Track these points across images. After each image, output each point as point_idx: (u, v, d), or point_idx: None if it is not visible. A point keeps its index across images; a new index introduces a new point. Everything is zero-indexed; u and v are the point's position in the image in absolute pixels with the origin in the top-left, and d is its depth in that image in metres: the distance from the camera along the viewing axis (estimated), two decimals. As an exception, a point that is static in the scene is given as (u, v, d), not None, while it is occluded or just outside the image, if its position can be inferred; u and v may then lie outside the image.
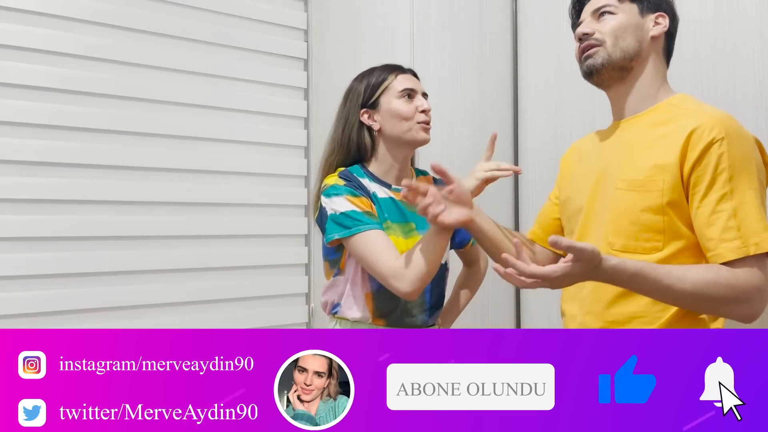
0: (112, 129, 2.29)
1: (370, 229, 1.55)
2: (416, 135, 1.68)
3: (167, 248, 2.40)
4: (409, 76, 1.74)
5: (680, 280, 1.21)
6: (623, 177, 1.34)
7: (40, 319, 2.15)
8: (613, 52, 1.38)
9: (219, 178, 2.52)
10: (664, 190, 1.28)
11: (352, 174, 1.67)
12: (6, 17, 2.12)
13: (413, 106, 1.68)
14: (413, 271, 1.50)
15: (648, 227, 1.30)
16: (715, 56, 1.85)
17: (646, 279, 1.21)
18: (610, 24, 1.39)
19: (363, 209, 1.58)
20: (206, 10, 2.51)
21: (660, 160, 1.29)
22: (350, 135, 1.71)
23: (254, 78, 2.61)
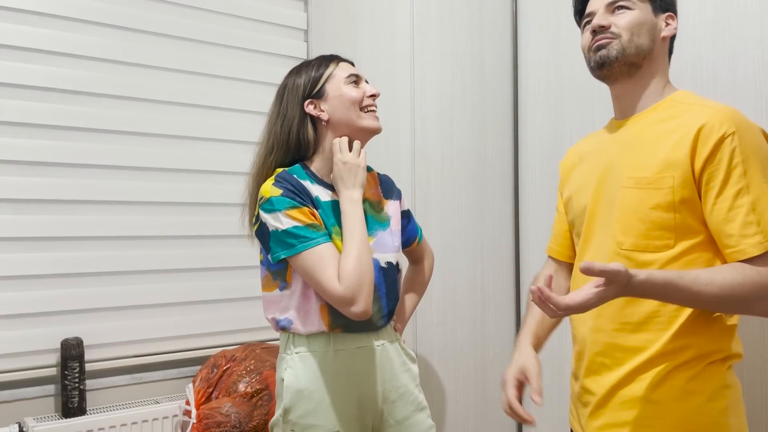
0: (112, 129, 2.29)
1: (314, 246, 1.46)
2: (368, 123, 1.60)
3: (167, 248, 2.40)
4: (348, 64, 1.67)
5: (708, 286, 1.18)
6: (630, 175, 1.31)
7: (39, 319, 2.15)
8: (628, 47, 1.35)
9: (219, 178, 2.52)
10: (675, 187, 1.25)
11: (292, 176, 1.55)
12: (6, 17, 2.12)
13: (361, 91, 1.61)
14: (363, 291, 1.44)
15: (658, 225, 1.27)
16: (715, 56, 1.85)
17: (675, 288, 1.18)
18: (627, 18, 1.36)
19: (305, 222, 1.48)
20: (206, 10, 2.51)
21: (669, 157, 1.27)
22: (290, 130, 1.60)
23: (254, 78, 2.61)
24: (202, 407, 2.19)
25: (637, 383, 1.28)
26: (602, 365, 1.33)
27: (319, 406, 1.53)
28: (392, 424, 1.61)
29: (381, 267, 1.60)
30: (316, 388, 1.53)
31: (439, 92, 2.29)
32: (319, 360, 1.55)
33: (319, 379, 1.54)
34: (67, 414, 2.12)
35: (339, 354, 1.56)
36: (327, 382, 1.54)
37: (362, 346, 1.58)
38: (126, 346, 2.31)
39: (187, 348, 2.43)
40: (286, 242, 1.48)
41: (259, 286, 2.60)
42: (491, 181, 2.42)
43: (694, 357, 1.26)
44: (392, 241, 1.65)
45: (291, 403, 1.53)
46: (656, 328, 1.27)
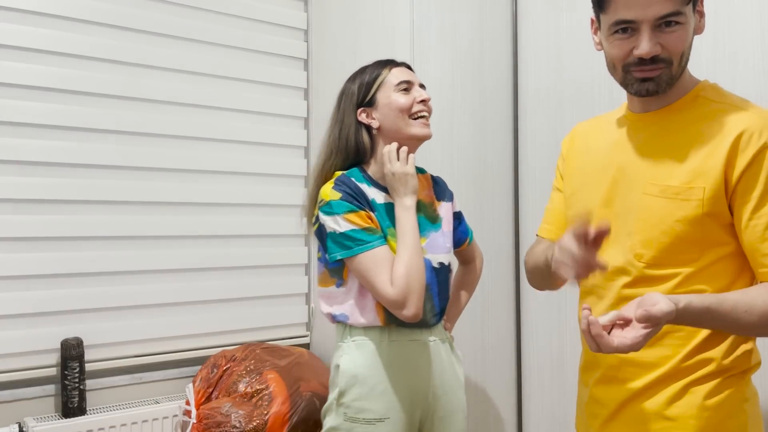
0: (112, 129, 2.29)
1: (370, 249, 1.54)
2: (416, 130, 1.65)
3: (167, 248, 2.40)
4: (403, 68, 1.70)
5: (747, 312, 1.11)
6: (654, 181, 1.20)
7: (39, 319, 2.15)
8: (677, 72, 1.19)
9: (219, 178, 2.52)
10: (705, 199, 1.14)
11: (350, 180, 1.63)
12: (6, 17, 2.12)
13: (411, 98, 1.65)
14: (414, 295, 1.52)
15: (683, 238, 1.17)
16: (715, 56, 1.85)
17: (715, 316, 1.10)
18: (680, 39, 1.16)
19: (362, 226, 1.56)
20: (206, 10, 2.51)
21: (701, 166, 1.15)
22: (347, 136, 1.67)
23: (254, 78, 2.61)
24: (202, 407, 2.19)
25: (652, 398, 1.21)
26: (615, 378, 1.27)
27: (372, 392, 1.60)
28: (436, 418, 1.68)
29: (433, 267, 1.66)
30: (370, 374, 1.60)
31: (439, 92, 2.29)
32: (374, 348, 1.62)
33: (373, 366, 1.61)
34: (67, 414, 2.12)
35: (393, 344, 1.63)
36: (381, 370, 1.61)
37: (415, 340, 1.65)
38: (126, 346, 2.31)
39: (187, 348, 2.43)
40: (343, 244, 1.56)
41: (259, 286, 2.60)
42: (491, 181, 2.42)
43: (711, 372, 1.19)
44: (444, 242, 1.71)
45: (346, 386, 1.61)
46: (674, 343, 1.21)
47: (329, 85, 2.63)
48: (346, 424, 1.60)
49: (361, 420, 1.59)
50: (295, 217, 2.73)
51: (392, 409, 1.60)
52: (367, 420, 1.59)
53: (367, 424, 1.58)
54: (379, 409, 1.59)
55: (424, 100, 1.65)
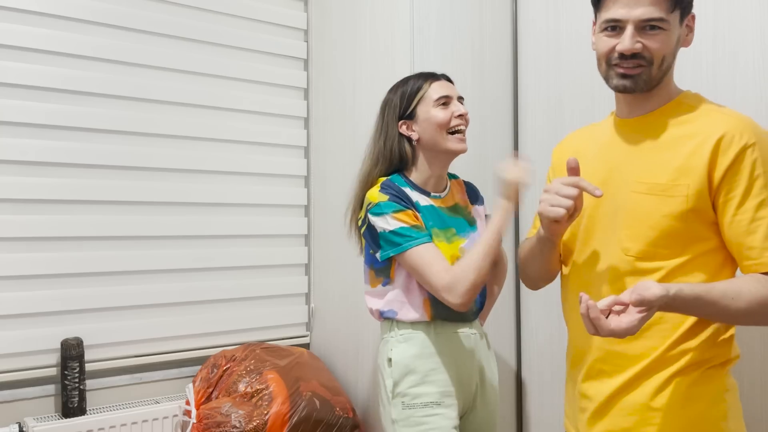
0: (112, 129, 2.29)
1: (420, 244, 1.63)
2: (453, 146, 1.73)
3: (167, 248, 2.40)
4: (443, 82, 1.77)
5: (735, 300, 1.17)
6: (641, 180, 1.27)
7: (39, 319, 2.15)
8: (657, 74, 1.29)
9: (219, 178, 2.52)
10: (689, 196, 1.22)
11: (394, 183, 1.72)
12: (6, 17, 2.12)
13: (449, 113, 1.72)
14: (463, 285, 1.59)
15: (669, 233, 1.24)
16: (715, 57, 1.85)
17: (704, 303, 1.17)
18: (661, 42, 1.26)
19: (410, 224, 1.65)
20: (206, 10, 2.51)
21: (685, 164, 1.23)
22: (392, 146, 1.76)
23: (254, 78, 2.61)
24: (202, 407, 2.19)
25: (638, 390, 1.27)
26: (602, 371, 1.32)
27: (425, 379, 1.68)
28: (474, 409, 1.77)
29: None
30: (421, 363, 1.69)
31: (439, 92, 2.29)
32: (421, 339, 1.71)
33: (422, 356, 1.69)
34: (67, 414, 2.12)
35: (440, 336, 1.72)
36: (430, 359, 1.69)
37: (459, 331, 1.74)
38: (126, 346, 2.31)
39: (187, 348, 2.43)
40: (394, 241, 1.65)
41: (259, 286, 2.60)
42: (491, 181, 2.42)
43: (693, 362, 1.25)
44: None
45: (399, 377, 1.69)
46: (658, 335, 1.26)
47: (329, 85, 2.63)
48: (406, 411, 1.67)
49: (419, 405, 1.67)
50: (296, 217, 2.73)
51: (445, 395, 1.68)
52: (425, 404, 1.66)
53: (426, 407, 1.66)
54: (435, 394, 1.67)
55: (461, 115, 1.73)
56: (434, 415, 1.66)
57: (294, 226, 2.71)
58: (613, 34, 1.28)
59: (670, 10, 1.25)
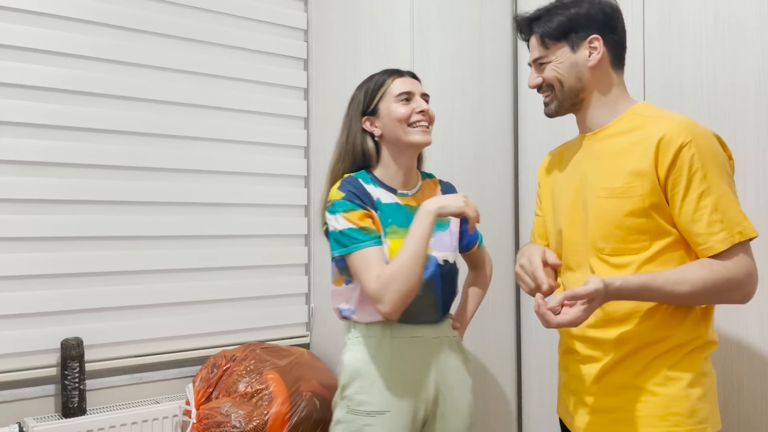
0: (112, 129, 2.29)
1: (363, 247, 1.60)
2: (415, 138, 1.71)
3: (167, 248, 2.40)
4: (406, 78, 1.76)
5: (679, 285, 1.31)
6: (602, 186, 1.42)
7: (39, 319, 2.15)
8: (561, 97, 1.50)
9: (219, 178, 2.52)
10: (644, 194, 1.37)
11: (356, 180, 1.70)
12: (6, 17, 2.12)
13: (410, 108, 1.71)
14: (390, 294, 1.56)
15: (633, 229, 1.39)
16: (715, 58, 1.85)
17: (650, 290, 1.32)
18: (548, 73, 1.50)
19: (358, 225, 1.63)
20: (206, 10, 2.51)
21: (636, 167, 1.38)
22: (354, 142, 1.75)
23: (254, 78, 2.61)
24: (202, 407, 2.19)
25: (621, 371, 1.40)
26: (590, 357, 1.45)
27: (374, 386, 1.65)
28: (438, 415, 1.72)
29: (438, 264, 1.73)
30: (371, 369, 1.66)
31: (439, 92, 2.29)
32: (375, 344, 1.68)
33: (374, 361, 1.67)
34: (67, 414, 2.12)
35: (395, 341, 1.68)
36: (382, 365, 1.66)
37: (417, 336, 1.70)
38: (126, 346, 2.31)
39: (187, 348, 2.43)
40: (341, 242, 1.64)
41: (259, 286, 2.61)
42: (491, 181, 2.42)
43: (674, 346, 1.38)
44: (450, 241, 1.78)
45: (348, 380, 1.69)
46: (638, 321, 1.39)
47: (329, 85, 2.63)
48: (348, 416, 1.66)
49: (361, 412, 1.64)
50: (296, 217, 2.73)
51: (392, 403, 1.64)
52: (367, 412, 1.64)
53: (367, 416, 1.64)
54: (379, 402, 1.64)
55: (422, 111, 1.72)
56: (373, 425, 1.63)
57: (294, 226, 2.71)
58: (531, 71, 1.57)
59: (549, 46, 1.49)
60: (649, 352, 1.38)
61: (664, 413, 1.35)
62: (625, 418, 1.39)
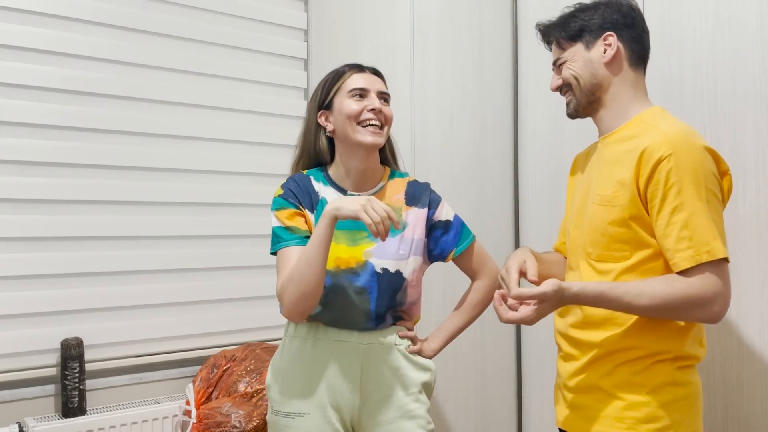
0: (112, 129, 2.29)
1: (283, 247, 1.58)
2: (361, 137, 1.60)
3: (167, 248, 2.40)
4: (366, 74, 1.67)
5: (638, 297, 1.33)
6: (597, 192, 1.45)
7: (39, 319, 2.15)
8: (580, 97, 1.51)
9: (219, 177, 2.52)
10: (625, 205, 1.39)
11: (305, 178, 1.66)
12: (6, 17, 2.12)
13: (361, 105, 1.61)
14: (287, 296, 1.52)
15: (615, 238, 1.41)
16: (715, 57, 1.85)
17: (607, 299, 1.34)
18: (565, 74, 1.52)
19: (286, 224, 1.60)
20: (206, 10, 2.51)
21: (621, 176, 1.40)
22: (308, 138, 1.70)
23: (254, 78, 2.61)
24: (202, 407, 2.19)
25: (592, 372, 1.45)
26: (570, 355, 1.51)
27: (293, 386, 1.61)
28: (372, 424, 1.61)
29: (375, 271, 1.60)
30: (292, 370, 1.62)
31: (440, 92, 2.29)
32: (299, 345, 1.64)
33: (297, 362, 1.63)
34: (67, 414, 2.12)
35: (319, 343, 1.63)
36: (303, 366, 1.62)
37: (343, 341, 1.62)
38: (126, 346, 2.31)
39: (187, 348, 2.43)
40: (272, 240, 1.62)
41: (259, 286, 2.60)
42: (491, 181, 2.42)
43: (641, 356, 1.40)
44: (397, 248, 1.63)
45: (270, 381, 1.66)
46: (611, 328, 1.42)
47: (329, 85, 2.63)
48: (272, 417, 1.64)
49: (282, 414, 1.62)
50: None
51: (313, 407, 1.59)
52: (286, 414, 1.61)
53: (287, 418, 1.61)
54: (298, 405, 1.60)
55: (374, 109, 1.61)
56: (292, 427, 1.59)
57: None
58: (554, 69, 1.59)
59: (566, 47, 1.52)
60: (616, 357, 1.41)
61: (621, 415, 1.39)
62: (590, 416, 1.44)
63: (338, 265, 1.59)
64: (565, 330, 1.52)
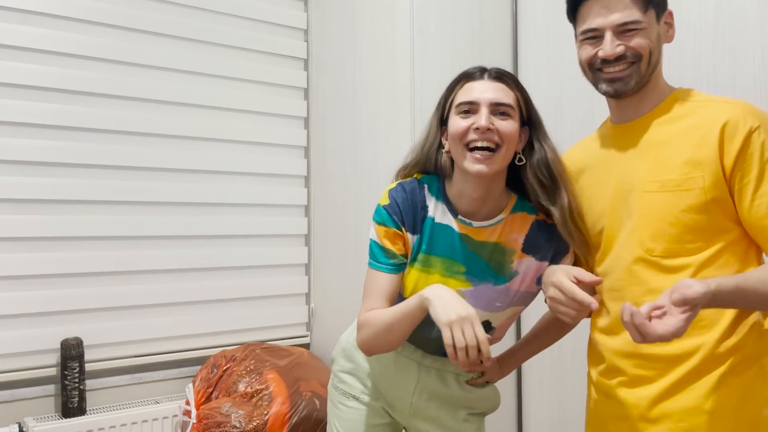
0: (112, 129, 2.29)
1: (375, 269, 1.43)
2: (466, 165, 1.35)
3: (167, 248, 2.40)
4: (476, 83, 1.39)
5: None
6: (651, 179, 1.26)
7: (39, 319, 2.15)
8: (647, 71, 1.29)
9: (219, 178, 2.52)
10: (706, 187, 1.20)
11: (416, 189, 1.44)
12: (6, 17, 2.12)
13: (467, 124, 1.34)
14: (362, 334, 1.40)
15: (690, 227, 1.22)
16: (715, 56, 1.85)
17: (745, 293, 1.13)
18: (643, 38, 1.27)
19: (383, 244, 1.42)
20: (206, 10, 2.51)
21: (694, 156, 1.22)
22: (429, 152, 1.46)
23: (254, 78, 2.61)
24: (202, 407, 2.19)
25: (686, 393, 1.21)
26: (642, 378, 1.26)
27: (356, 369, 1.59)
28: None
29: None
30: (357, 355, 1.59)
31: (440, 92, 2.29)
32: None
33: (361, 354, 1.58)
34: (67, 414, 2.12)
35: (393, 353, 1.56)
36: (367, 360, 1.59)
37: (405, 355, 1.54)
38: (126, 346, 2.31)
39: (187, 348, 2.43)
40: (369, 251, 1.46)
41: (259, 286, 2.60)
42: (491, 181, 2.42)
43: (745, 358, 1.20)
44: (494, 300, 1.44)
45: (336, 355, 1.65)
46: (699, 332, 1.21)
47: (329, 85, 2.63)
48: (331, 389, 1.64)
49: (339, 389, 1.61)
50: (296, 217, 2.73)
51: (366, 395, 1.58)
52: (343, 392, 1.60)
53: (342, 395, 1.60)
54: (356, 387, 1.58)
55: (480, 128, 1.32)
56: (348, 407, 1.57)
57: (294, 226, 2.71)
58: (594, 42, 1.32)
59: (644, 10, 1.28)
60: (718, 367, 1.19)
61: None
62: None
63: None
64: (632, 348, 1.27)
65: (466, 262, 1.41)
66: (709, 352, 1.20)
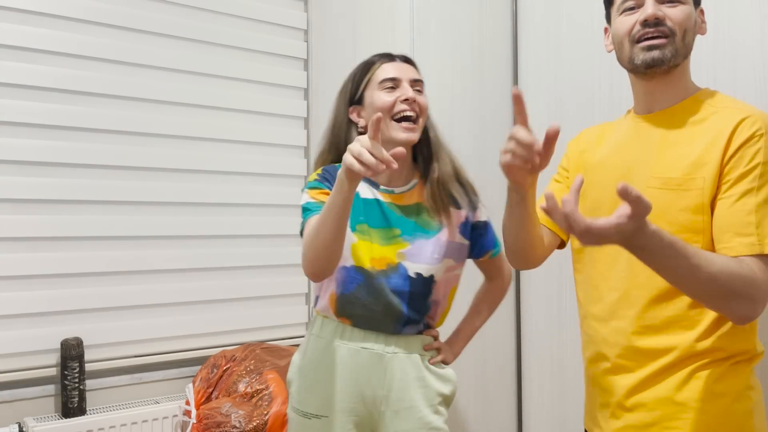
0: (112, 129, 2.29)
1: (312, 215, 1.47)
2: (396, 134, 1.52)
3: (167, 248, 2.40)
4: (396, 63, 1.58)
5: (707, 263, 1.11)
6: (656, 175, 1.27)
7: (39, 319, 2.15)
8: (681, 48, 1.28)
9: (219, 178, 2.52)
10: (705, 188, 1.21)
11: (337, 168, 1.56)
12: (6, 17, 2.12)
13: (394, 96, 1.52)
14: (303, 252, 1.41)
15: (687, 228, 1.23)
16: (715, 60, 1.85)
17: (678, 252, 1.09)
18: (682, 13, 1.27)
19: (318, 200, 1.50)
20: (206, 10, 2.51)
21: (700, 158, 1.22)
22: (338, 133, 1.60)
23: (254, 78, 2.61)
24: (202, 407, 2.19)
25: (660, 385, 1.25)
26: (623, 367, 1.30)
27: (314, 387, 1.58)
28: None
29: (408, 275, 1.55)
30: (313, 369, 1.59)
31: (439, 92, 2.29)
32: (324, 346, 1.59)
33: (320, 364, 1.58)
34: (67, 414, 2.12)
35: (343, 347, 1.57)
36: (326, 369, 1.57)
37: (368, 348, 1.56)
38: (126, 346, 2.31)
39: (187, 348, 2.43)
40: (302, 213, 1.52)
41: (259, 286, 2.60)
42: (491, 182, 2.42)
43: (720, 358, 1.23)
44: (432, 252, 1.57)
45: (291, 377, 1.64)
46: (680, 331, 1.24)
47: (329, 85, 2.63)
48: (291, 413, 1.62)
49: (300, 412, 1.59)
50: (296, 217, 2.73)
51: (331, 410, 1.56)
52: (303, 413, 1.58)
53: (304, 417, 1.58)
54: (317, 406, 1.57)
55: (407, 99, 1.51)
56: (308, 427, 1.56)
57: (294, 226, 2.71)
58: (633, 12, 1.30)
59: None
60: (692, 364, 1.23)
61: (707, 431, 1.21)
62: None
63: (373, 266, 1.54)
64: (618, 337, 1.31)
65: (399, 225, 1.56)
66: (686, 350, 1.24)
